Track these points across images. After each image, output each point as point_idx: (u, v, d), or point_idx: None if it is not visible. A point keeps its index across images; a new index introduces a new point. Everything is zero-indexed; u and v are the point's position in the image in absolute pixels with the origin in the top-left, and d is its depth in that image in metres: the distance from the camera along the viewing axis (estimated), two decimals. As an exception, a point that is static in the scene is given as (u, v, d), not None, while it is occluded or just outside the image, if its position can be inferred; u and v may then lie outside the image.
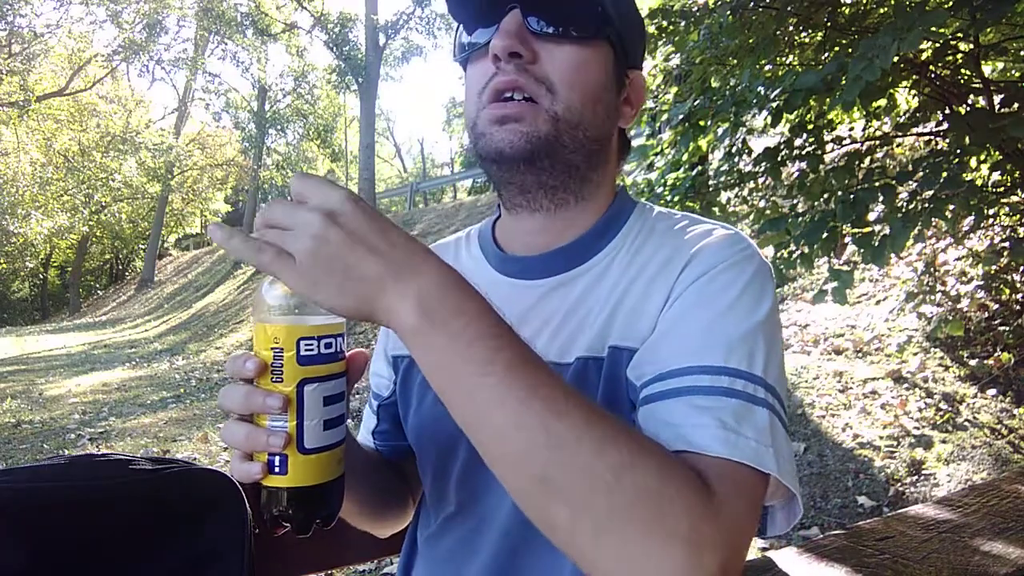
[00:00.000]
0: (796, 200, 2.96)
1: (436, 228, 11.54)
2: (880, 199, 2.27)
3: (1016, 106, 2.38)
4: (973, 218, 2.94)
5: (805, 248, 2.46)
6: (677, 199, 2.93)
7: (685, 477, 0.48)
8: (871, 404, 3.47)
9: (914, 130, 3.09)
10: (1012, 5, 2.02)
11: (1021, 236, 3.47)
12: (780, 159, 2.70)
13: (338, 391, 0.56)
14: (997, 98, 2.52)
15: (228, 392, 0.54)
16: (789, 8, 2.61)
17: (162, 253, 27.25)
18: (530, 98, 0.65)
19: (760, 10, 2.68)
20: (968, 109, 2.66)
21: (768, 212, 3.02)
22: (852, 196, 2.29)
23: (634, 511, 0.45)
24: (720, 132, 2.88)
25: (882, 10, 2.75)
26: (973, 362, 3.58)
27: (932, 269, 4.17)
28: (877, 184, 2.30)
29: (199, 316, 13.92)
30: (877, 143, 3.12)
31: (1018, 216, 3.49)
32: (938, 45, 2.49)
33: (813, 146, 2.69)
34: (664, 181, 3.07)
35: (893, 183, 2.30)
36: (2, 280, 28.49)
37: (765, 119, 2.85)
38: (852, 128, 3.41)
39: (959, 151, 2.24)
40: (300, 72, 21.70)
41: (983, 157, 2.88)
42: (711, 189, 3.02)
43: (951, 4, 2.15)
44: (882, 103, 2.99)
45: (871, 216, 2.40)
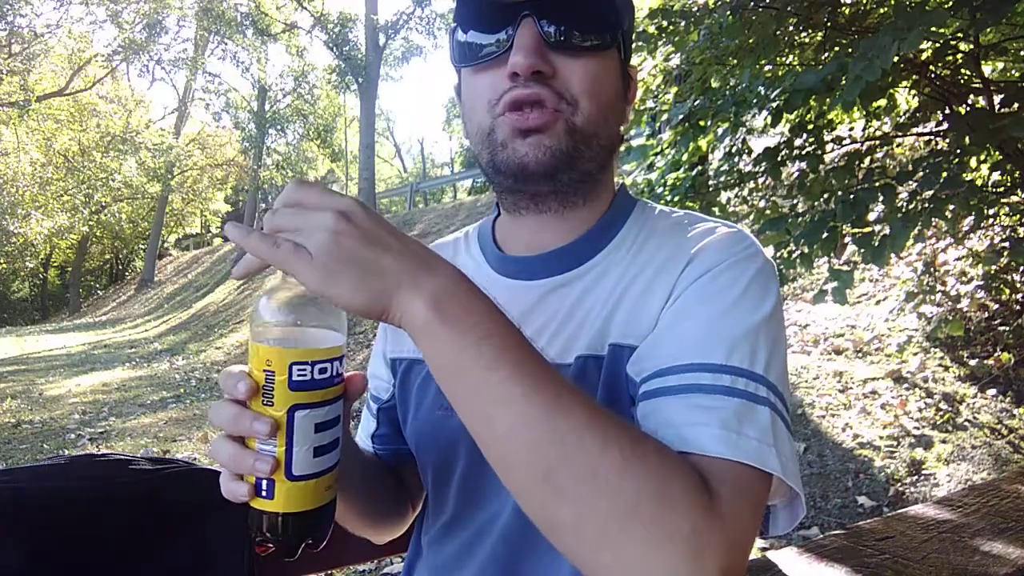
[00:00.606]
0: (796, 200, 2.95)
1: (436, 228, 11.53)
2: (880, 199, 2.27)
3: (1016, 106, 2.37)
4: (973, 218, 2.93)
5: (805, 248, 2.46)
6: (677, 199, 2.92)
7: (687, 477, 0.48)
8: (871, 404, 3.47)
9: (914, 130, 3.09)
10: (1012, 5, 2.01)
11: (1021, 236, 3.47)
12: (780, 159, 2.70)
13: (331, 416, 0.54)
14: (997, 98, 2.51)
15: (218, 409, 0.53)
16: (789, 8, 2.60)
17: (162, 253, 27.23)
18: (553, 110, 0.65)
19: (760, 10, 2.68)
20: (968, 109, 2.66)
21: (768, 212, 3.02)
22: (852, 196, 2.29)
23: (636, 511, 0.45)
24: (720, 132, 2.87)
25: (882, 10, 2.75)
26: (973, 362, 3.57)
27: (932, 269, 4.17)
28: (877, 184, 2.30)
29: (199, 316, 13.91)
30: (877, 143, 3.12)
31: (1018, 216, 3.49)
32: (938, 45, 2.49)
33: (813, 146, 2.68)
34: (664, 181, 3.06)
35: (893, 183, 2.29)
36: (2, 280, 28.47)
37: (765, 119, 2.85)
38: (852, 128, 3.41)
39: (959, 151, 2.23)
40: (300, 72, 21.71)
41: (983, 157, 2.88)
42: (711, 189, 3.01)
43: (951, 4, 2.15)
44: (882, 103, 2.99)
45: (871, 216, 2.40)
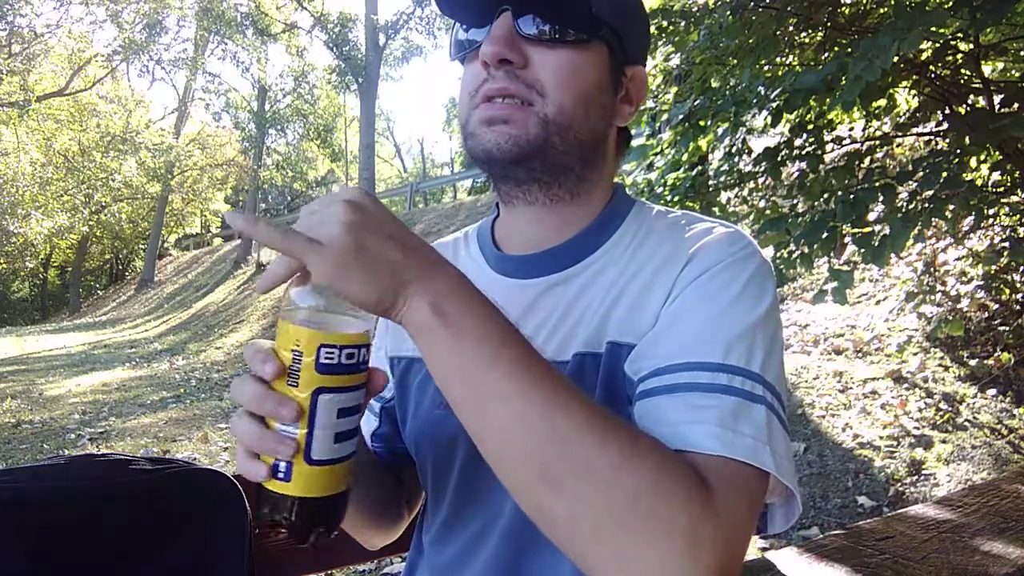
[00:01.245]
0: (796, 200, 2.95)
1: (436, 228, 11.53)
2: (880, 199, 2.27)
3: (1016, 106, 2.37)
4: (973, 218, 2.94)
5: (805, 248, 2.46)
6: (677, 199, 2.92)
7: (684, 475, 0.48)
8: (871, 404, 3.47)
9: (914, 130, 3.09)
10: (1012, 5, 2.02)
11: (1021, 236, 3.47)
12: (780, 159, 2.70)
13: (354, 404, 0.54)
14: (997, 98, 2.52)
15: (242, 386, 0.52)
16: (789, 8, 2.60)
17: (162, 253, 27.22)
18: (522, 101, 0.65)
19: (760, 10, 2.68)
20: (968, 109, 2.66)
21: (768, 212, 3.02)
22: (852, 196, 2.29)
23: (633, 507, 0.46)
24: (720, 132, 2.88)
25: (882, 10, 2.75)
26: (973, 362, 3.57)
27: (932, 269, 4.17)
28: (877, 184, 2.30)
29: (199, 316, 13.91)
30: (877, 143, 3.12)
31: (1018, 216, 3.49)
32: (938, 45, 2.49)
33: (813, 146, 2.69)
34: (664, 181, 3.06)
35: (893, 183, 2.29)
36: (2, 280, 28.48)
37: (765, 119, 2.85)
38: (852, 128, 3.41)
39: (959, 151, 2.24)
40: (300, 72, 21.68)
41: (983, 157, 2.88)
42: (711, 189, 3.01)
43: (951, 4, 2.15)
44: (882, 103, 2.99)
45: (871, 216, 2.40)
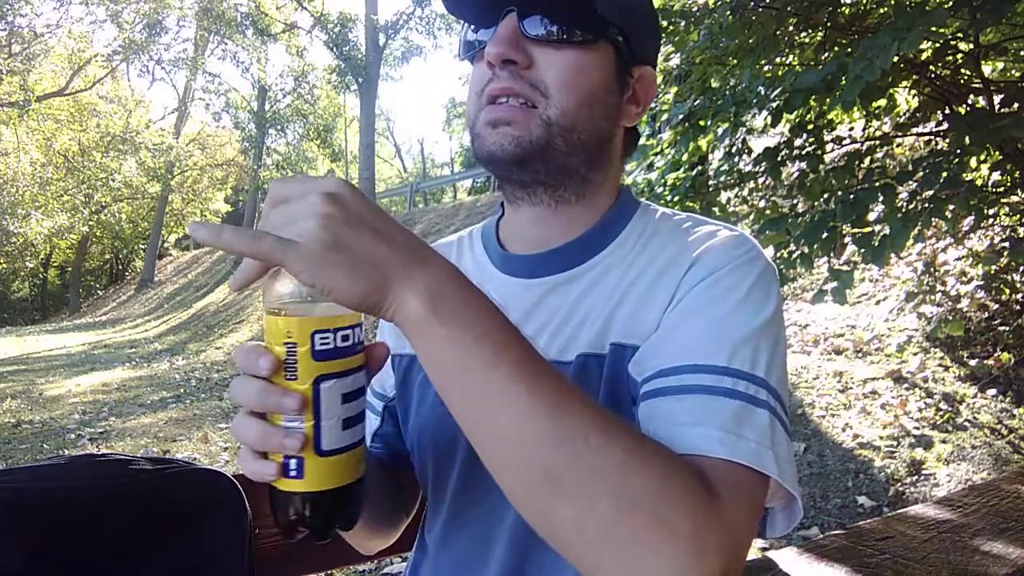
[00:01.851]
0: (796, 200, 2.95)
1: (436, 228, 11.53)
2: (880, 199, 2.27)
3: (1016, 106, 2.38)
4: (973, 218, 2.94)
5: (805, 248, 2.46)
6: (677, 199, 2.93)
7: (688, 477, 0.48)
8: (871, 404, 3.47)
9: (914, 130, 3.09)
10: (1012, 5, 2.02)
11: (1021, 236, 3.47)
12: (780, 159, 2.70)
13: (357, 386, 0.51)
14: (997, 98, 2.52)
15: (241, 386, 0.50)
16: (789, 8, 2.60)
17: (162, 253, 27.22)
18: (526, 102, 0.66)
19: (760, 10, 2.68)
20: (968, 109, 2.66)
21: (768, 212, 3.02)
22: (852, 196, 2.29)
23: (638, 510, 0.45)
24: (720, 132, 2.88)
25: (882, 10, 2.75)
26: (973, 362, 3.57)
27: (932, 269, 4.17)
28: (877, 184, 2.30)
29: (199, 316, 13.91)
30: (877, 143, 3.12)
31: (1018, 216, 3.49)
32: (938, 45, 2.49)
33: (813, 146, 2.69)
34: (664, 181, 3.07)
35: (893, 183, 2.30)
36: (2, 280, 28.46)
37: (765, 119, 2.85)
38: (852, 128, 3.41)
39: (959, 151, 2.24)
40: (300, 72, 21.70)
41: (983, 157, 2.88)
42: (711, 189, 3.01)
43: (951, 4, 2.15)
44: (882, 103, 2.99)
45: (871, 216, 2.40)
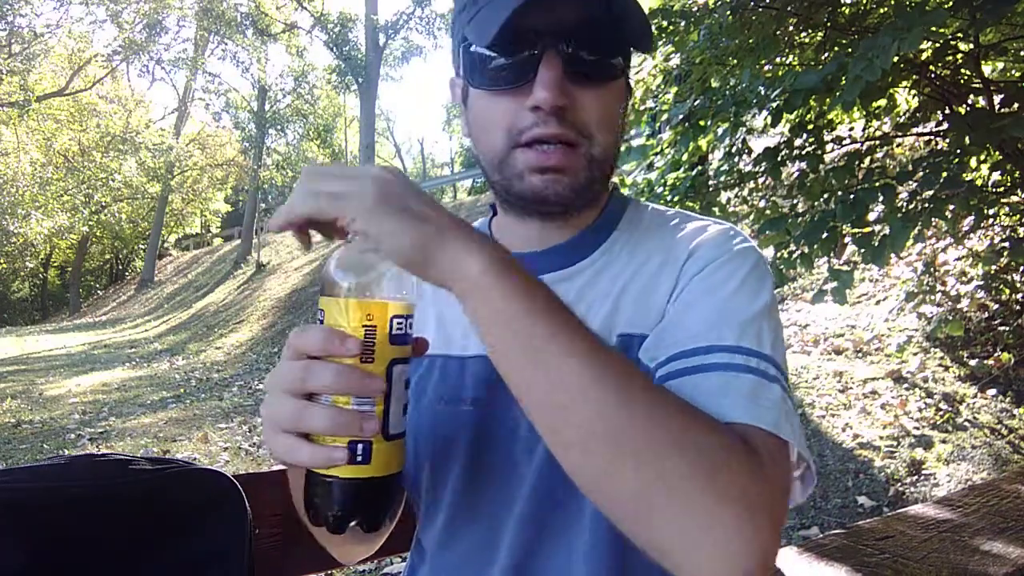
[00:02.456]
0: (796, 200, 2.95)
1: (436, 228, 11.50)
2: (880, 199, 2.27)
3: (1016, 106, 2.37)
4: (973, 218, 2.94)
5: (805, 248, 2.46)
6: (677, 199, 2.92)
7: (737, 442, 0.50)
8: (871, 404, 3.47)
9: (914, 130, 3.09)
10: (1012, 5, 2.02)
11: (1021, 236, 3.47)
12: (780, 159, 2.70)
13: (410, 373, 0.54)
14: (997, 98, 2.52)
15: (317, 370, 0.48)
16: (789, 8, 2.61)
17: (162, 253, 27.22)
18: (567, 142, 0.66)
19: (760, 10, 2.68)
20: (968, 109, 2.66)
21: (768, 212, 3.02)
22: (852, 196, 2.29)
23: (695, 472, 0.46)
24: (720, 132, 2.87)
25: (882, 10, 2.75)
26: (973, 362, 3.57)
27: (932, 269, 4.17)
28: (877, 184, 2.30)
29: (199, 316, 13.91)
30: (877, 143, 3.12)
31: (1018, 216, 3.49)
32: (938, 45, 2.49)
33: (813, 146, 2.68)
34: (664, 181, 3.06)
35: (893, 183, 2.30)
36: (2, 280, 28.48)
37: (765, 119, 2.85)
38: (852, 128, 3.41)
39: (959, 151, 2.24)
40: (300, 72, 21.69)
41: (983, 157, 2.88)
42: (711, 189, 3.01)
43: (951, 4, 2.15)
44: (882, 103, 2.99)
45: (871, 216, 2.40)
